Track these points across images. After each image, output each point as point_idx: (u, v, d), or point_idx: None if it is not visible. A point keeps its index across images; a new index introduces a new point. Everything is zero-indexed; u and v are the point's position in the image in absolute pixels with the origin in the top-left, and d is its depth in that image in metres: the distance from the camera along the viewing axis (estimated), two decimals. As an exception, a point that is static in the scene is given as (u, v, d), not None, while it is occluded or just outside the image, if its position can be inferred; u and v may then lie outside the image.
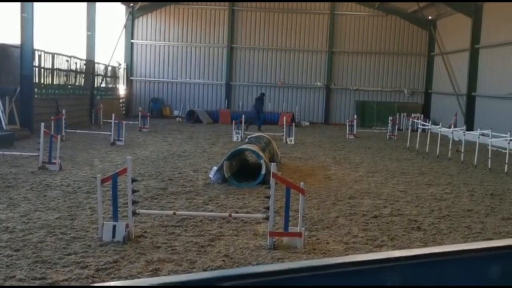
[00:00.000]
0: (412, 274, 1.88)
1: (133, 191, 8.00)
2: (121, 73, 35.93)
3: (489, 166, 16.11)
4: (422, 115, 32.22)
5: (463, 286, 1.91)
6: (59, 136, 14.87)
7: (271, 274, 1.74)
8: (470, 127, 25.72)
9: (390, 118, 27.84)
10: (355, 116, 29.23)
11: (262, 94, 31.81)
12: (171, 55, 36.23)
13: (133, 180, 8.07)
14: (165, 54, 36.23)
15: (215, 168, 12.91)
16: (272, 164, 8.18)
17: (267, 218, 7.76)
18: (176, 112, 35.49)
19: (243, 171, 13.61)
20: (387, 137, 26.38)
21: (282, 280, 1.73)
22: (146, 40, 36.10)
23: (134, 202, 7.99)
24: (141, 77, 36.39)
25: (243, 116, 24.43)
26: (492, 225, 9.46)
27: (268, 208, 7.71)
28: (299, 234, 7.63)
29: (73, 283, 5.99)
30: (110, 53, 32.12)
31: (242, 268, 1.79)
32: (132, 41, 35.98)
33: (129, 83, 36.37)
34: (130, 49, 36.06)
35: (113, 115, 20.16)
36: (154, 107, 35.40)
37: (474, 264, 1.91)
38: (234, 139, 22.53)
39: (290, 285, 1.75)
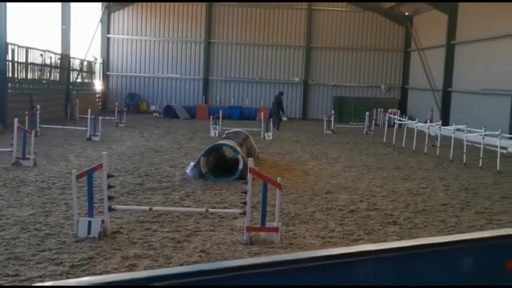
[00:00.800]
0: (385, 267, 1.88)
1: (109, 187, 7.92)
2: (97, 68, 35.55)
3: (464, 161, 16.31)
4: (398, 111, 32.52)
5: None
6: (33, 132, 14.67)
7: (241, 269, 1.72)
8: (445, 122, 26.01)
9: (367, 113, 28.02)
10: (333, 112, 29.40)
11: (280, 94, 29.01)
12: (148, 49, 35.96)
13: (109, 176, 7.99)
14: (142, 49, 35.94)
15: (192, 163, 12.86)
16: (249, 159, 8.17)
17: (244, 213, 7.75)
18: (153, 107, 35.27)
19: (220, 166, 13.57)
20: (364, 132, 26.55)
21: (254, 274, 1.71)
22: (123, 34, 35.77)
23: (110, 198, 7.91)
24: (118, 72, 36.06)
25: (221, 111, 24.36)
26: (466, 219, 9.58)
27: (245, 203, 7.70)
28: (276, 229, 7.64)
29: (47, 280, 5.91)
30: (86, 47, 31.76)
31: (212, 264, 1.75)
32: (108, 35, 35.62)
33: (106, 78, 36.02)
34: (106, 43, 35.69)
35: (89, 110, 19.97)
36: (131, 102, 35.13)
37: (446, 256, 1.92)
38: (212, 134, 22.47)
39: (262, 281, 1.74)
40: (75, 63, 31.44)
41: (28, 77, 25.50)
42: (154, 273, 1.60)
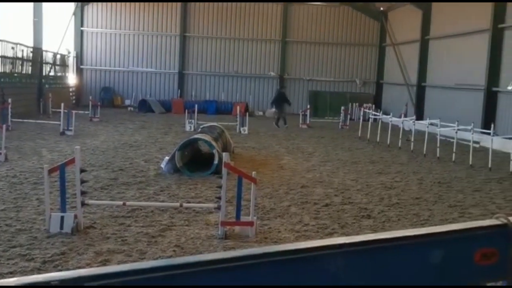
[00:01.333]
0: (356, 260, 1.87)
1: (82, 182, 7.83)
2: (71, 61, 35.09)
3: (438, 155, 16.50)
4: (373, 105, 32.74)
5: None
6: (4, 126, 14.41)
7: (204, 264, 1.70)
8: (420, 117, 26.28)
9: (343, 108, 28.16)
10: (308, 106, 29.46)
11: (282, 88, 28.86)
12: (123, 43, 35.63)
13: (82, 170, 7.89)
14: (117, 43, 35.60)
15: (167, 158, 12.79)
16: (224, 153, 8.15)
17: (218, 208, 7.73)
18: (127, 102, 34.97)
19: (195, 161, 13.52)
20: (340, 127, 26.69)
21: (220, 269, 1.70)
22: (97, 28, 35.36)
23: (83, 193, 7.82)
24: (92, 65, 35.66)
25: (196, 105, 24.27)
26: (439, 212, 9.70)
27: (219, 197, 7.68)
28: (250, 223, 7.63)
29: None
30: (59, 40, 31.31)
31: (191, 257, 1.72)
32: (82, 28, 35.18)
33: (79, 71, 35.59)
34: (80, 37, 35.25)
35: (62, 104, 19.70)
36: (105, 97, 34.77)
37: (415, 249, 1.92)
38: (187, 128, 22.37)
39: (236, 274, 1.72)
40: (48, 57, 30.97)
41: (-1, 70, 25.09)
42: (86, 273, 1.56)
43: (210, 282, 1.70)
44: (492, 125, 16.82)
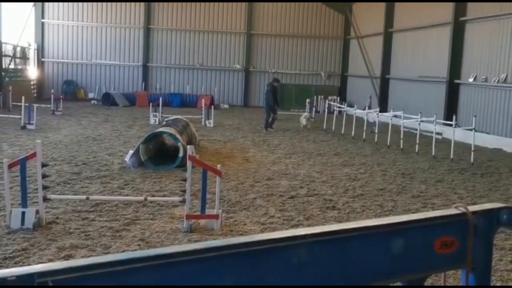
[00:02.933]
0: (318, 251, 1.88)
1: (44, 176, 7.69)
2: (32, 54, 34.35)
3: (401, 147, 16.73)
4: (338, 98, 32.98)
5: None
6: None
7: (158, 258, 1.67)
8: (384, 109, 26.58)
9: (308, 100, 28.27)
10: (274, 99, 29.45)
11: (275, 81, 23.18)
12: (85, 36, 35.02)
13: (44, 165, 7.74)
14: (79, 35, 34.97)
15: (131, 151, 12.65)
16: (189, 146, 8.09)
17: (183, 201, 7.68)
18: (91, 95, 34.44)
19: (160, 154, 13.41)
20: (305, 119, 26.76)
21: (175, 263, 1.67)
22: (58, 20, 34.66)
23: (44, 187, 7.68)
24: (54, 58, 34.97)
25: (161, 98, 24.06)
26: (402, 202, 9.84)
27: (184, 191, 7.63)
28: (215, 216, 7.61)
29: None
30: (19, 32, 30.59)
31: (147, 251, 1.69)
32: (42, 20, 34.44)
33: (41, 64, 34.87)
34: (41, 29, 34.51)
35: (23, 97, 19.29)
36: (68, 90, 34.14)
37: (377, 239, 1.94)
38: (151, 122, 22.17)
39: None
40: (7, 49, 30.24)
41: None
42: (42, 268, 1.52)
43: (172, 275, 1.68)
44: (454, 117, 17.12)
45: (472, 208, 2.08)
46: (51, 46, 34.91)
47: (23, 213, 7.29)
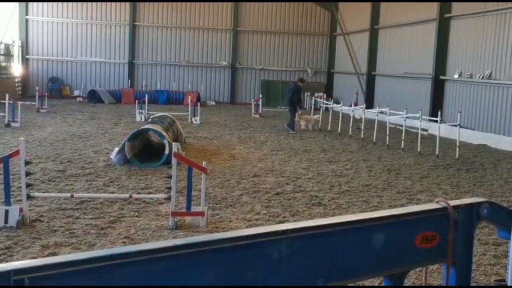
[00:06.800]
0: (299, 245, 1.87)
1: (28, 174, 7.62)
2: (16, 51, 34.02)
3: (387, 143, 16.80)
4: (325, 94, 33.04)
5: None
6: None
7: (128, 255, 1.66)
8: (370, 105, 26.70)
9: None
10: (260, 95, 29.50)
11: (301, 80, 21.83)
12: (70, 32, 34.75)
13: (28, 163, 7.68)
14: (64, 32, 34.69)
15: (116, 149, 12.58)
16: (174, 143, 8.06)
17: (169, 198, 7.65)
18: (76, 92, 34.20)
19: (146, 151, 13.36)
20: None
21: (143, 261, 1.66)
22: (43, 16, 34.36)
23: (28, 185, 7.61)
24: (38, 55, 34.66)
25: (147, 95, 23.96)
26: (388, 198, 9.88)
27: (170, 188, 7.61)
28: (201, 213, 7.60)
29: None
30: (3, 29, 30.28)
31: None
32: (27, 17, 34.12)
33: (25, 61, 34.55)
34: (25, 25, 34.19)
35: (7, 95, 19.12)
36: (53, 87, 33.88)
37: (359, 233, 1.94)
38: (137, 119, 22.07)
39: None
40: (-9, 46, 29.96)
41: None
42: (19, 266, 1.50)
43: (151, 271, 1.66)
44: (440, 113, 17.23)
45: (453, 202, 2.09)
46: (35, 43, 34.59)
47: (7, 211, 7.22)
